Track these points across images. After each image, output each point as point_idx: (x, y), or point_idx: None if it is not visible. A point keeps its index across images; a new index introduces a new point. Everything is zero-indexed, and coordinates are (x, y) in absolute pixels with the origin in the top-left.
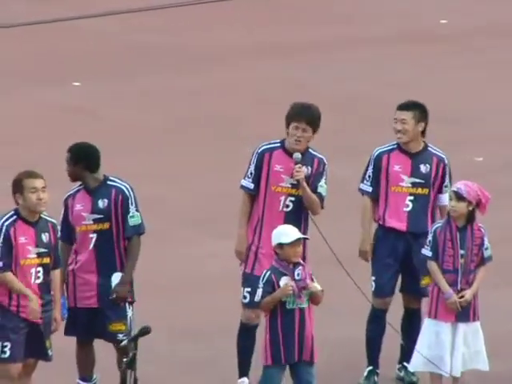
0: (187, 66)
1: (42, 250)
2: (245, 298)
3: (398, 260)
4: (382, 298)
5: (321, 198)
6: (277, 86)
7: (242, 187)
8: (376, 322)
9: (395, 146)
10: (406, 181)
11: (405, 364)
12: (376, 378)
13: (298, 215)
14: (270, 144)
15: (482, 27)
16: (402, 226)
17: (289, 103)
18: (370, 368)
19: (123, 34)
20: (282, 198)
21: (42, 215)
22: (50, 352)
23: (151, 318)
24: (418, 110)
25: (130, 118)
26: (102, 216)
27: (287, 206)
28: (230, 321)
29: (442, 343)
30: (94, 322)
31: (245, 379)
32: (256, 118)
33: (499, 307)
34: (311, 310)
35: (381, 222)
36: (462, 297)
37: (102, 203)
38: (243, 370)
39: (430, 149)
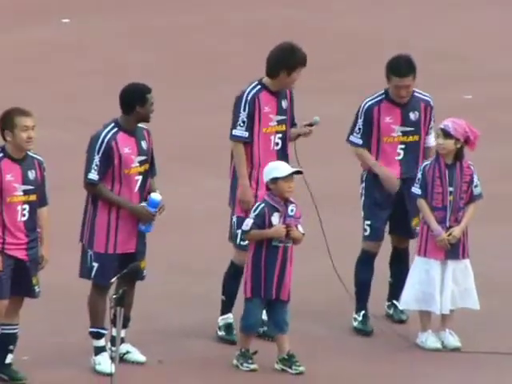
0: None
1: (29, 187)
2: (243, 240)
3: (392, 204)
4: (377, 241)
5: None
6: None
7: (236, 137)
8: (368, 265)
9: (383, 97)
10: (397, 130)
11: (394, 302)
12: (370, 322)
13: (287, 151)
14: (254, 88)
15: None
16: (395, 174)
17: (277, 42)
18: (364, 312)
19: None
20: (272, 138)
21: (28, 152)
22: (36, 289)
23: None
24: (413, 68)
25: (120, 56)
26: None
27: (277, 144)
28: (218, 258)
29: (432, 280)
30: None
31: (230, 315)
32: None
33: (489, 245)
34: (293, 249)
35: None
36: (450, 234)
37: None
38: (229, 308)
39: (416, 94)
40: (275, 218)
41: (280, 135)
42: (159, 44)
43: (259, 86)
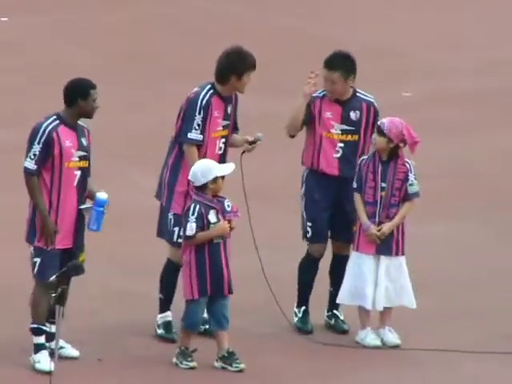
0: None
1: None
2: (180, 238)
3: (332, 204)
4: (320, 243)
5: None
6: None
7: (191, 140)
8: (311, 267)
9: (326, 93)
10: (336, 127)
11: (335, 312)
12: (310, 321)
13: (226, 156)
14: (208, 92)
15: None
16: (333, 170)
17: (214, 36)
18: (304, 308)
19: None
20: (217, 142)
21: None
22: None
23: None
24: (345, 66)
25: (57, 53)
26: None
27: (220, 149)
28: (155, 256)
29: (364, 275)
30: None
31: (169, 313)
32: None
33: (427, 242)
34: (229, 242)
35: (315, 166)
36: (380, 230)
37: None
38: (167, 306)
39: (358, 94)
40: (212, 216)
41: (223, 140)
42: (97, 42)
43: (212, 91)
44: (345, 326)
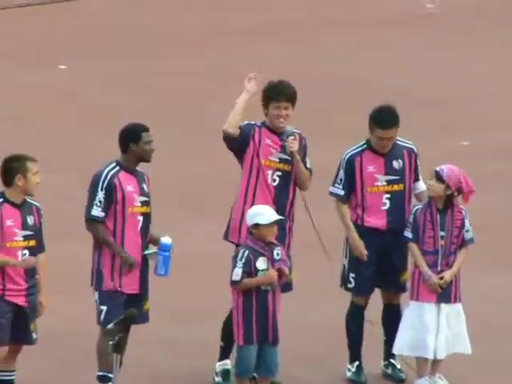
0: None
1: (28, 232)
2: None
3: (378, 256)
4: (362, 295)
5: (310, 172)
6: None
7: None
8: (356, 317)
9: (365, 147)
10: (381, 179)
11: (391, 361)
12: (364, 373)
13: (286, 190)
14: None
15: (469, 8)
16: (381, 224)
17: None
18: (358, 363)
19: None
20: (270, 172)
21: (26, 198)
22: (34, 335)
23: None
24: (398, 121)
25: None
26: None
27: (274, 181)
28: (217, 303)
29: (426, 325)
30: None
31: (227, 361)
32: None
33: (481, 290)
34: (280, 291)
35: (359, 222)
36: (441, 278)
37: None
38: (227, 353)
39: (398, 142)
40: (260, 263)
41: (280, 173)
42: (155, 86)
43: (259, 124)
44: (402, 374)
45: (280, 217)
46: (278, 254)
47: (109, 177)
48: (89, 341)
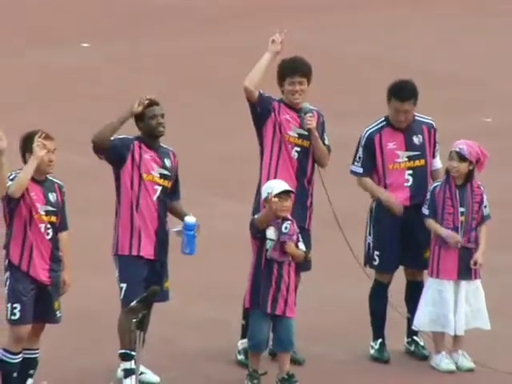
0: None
1: (50, 208)
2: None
3: (402, 233)
4: (387, 272)
5: (329, 149)
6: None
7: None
8: (379, 295)
9: (384, 123)
10: (402, 156)
11: (415, 338)
12: (387, 350)
13: (304, 166)
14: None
15: None
16: (405, 200)
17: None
18: (381, 341)
19: None
20: (289, 147)
21: (48, 176)
22: (58, 314)
23: None
24: (416, 95)
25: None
26: None
27: (294, 156)
28: (239, 283)
29: (446, 301)
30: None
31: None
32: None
33: (497, 267)
34: (292, 266)
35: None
36: (476, 263)
37: None
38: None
39: (417, 118)
40: (270, 232)
41: (298, 149)
42: (175, 68)
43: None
44: (425, 351)
45: (289, 188)
46: (285, 228)
47: (133, 142)
48: (111, 319)
